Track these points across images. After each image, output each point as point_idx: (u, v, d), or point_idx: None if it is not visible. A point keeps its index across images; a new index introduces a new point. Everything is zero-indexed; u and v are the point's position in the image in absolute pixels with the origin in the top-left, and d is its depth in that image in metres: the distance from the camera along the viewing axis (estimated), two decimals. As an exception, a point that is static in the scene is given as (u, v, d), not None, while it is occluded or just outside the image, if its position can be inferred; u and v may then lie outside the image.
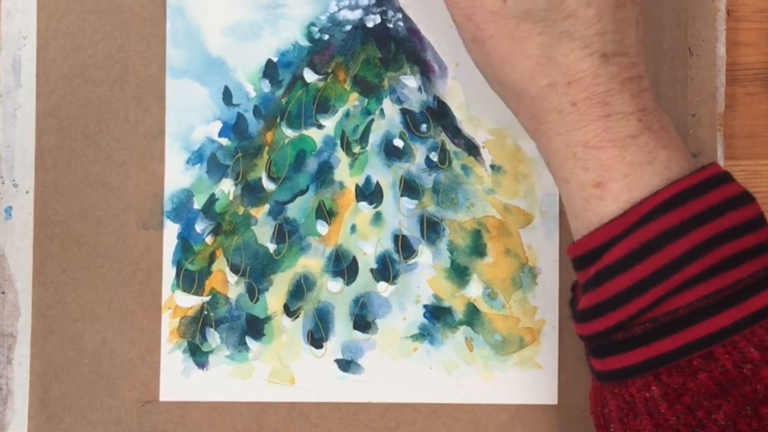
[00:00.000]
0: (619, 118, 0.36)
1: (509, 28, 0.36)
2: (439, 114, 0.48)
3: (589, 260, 0.37)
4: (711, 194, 0.35)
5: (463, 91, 0.47)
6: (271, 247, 0.48)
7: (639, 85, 0.37)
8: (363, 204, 0.48)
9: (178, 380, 0.47)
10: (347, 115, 0.48)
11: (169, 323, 0.47)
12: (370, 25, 0.48)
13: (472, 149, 0.48)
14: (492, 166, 0.48)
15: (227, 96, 0.48)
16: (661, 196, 0.35)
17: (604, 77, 0.36)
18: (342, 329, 0.48)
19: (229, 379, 0.47)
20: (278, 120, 0.48)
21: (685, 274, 0.35)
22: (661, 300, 0.35)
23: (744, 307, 0.35)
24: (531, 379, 0.47)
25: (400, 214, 0.48)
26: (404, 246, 0.48)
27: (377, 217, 0.48)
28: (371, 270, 0.48)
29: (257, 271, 0.48)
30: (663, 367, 0.35)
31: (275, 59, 0.48)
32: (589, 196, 0.37)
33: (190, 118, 0.48)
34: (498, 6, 0.36)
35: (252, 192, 0.48)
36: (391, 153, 0.48)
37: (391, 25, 0.48)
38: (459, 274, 0.47)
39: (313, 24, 0.48)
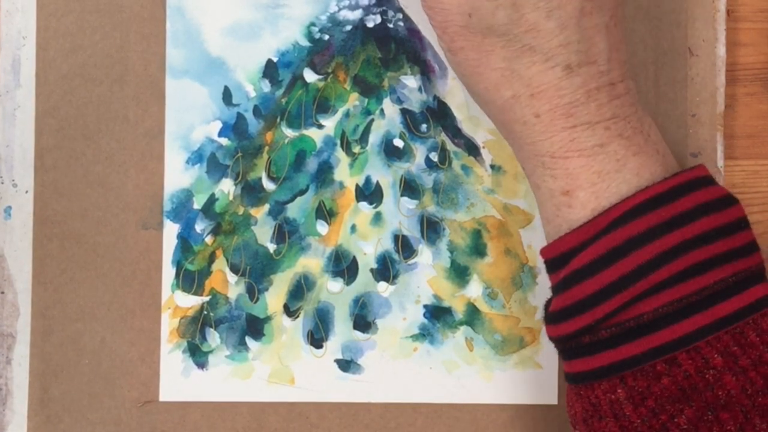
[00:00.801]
0: (585, 128, 0.36)
1: (476, 41, 0.37)
2: (439, 114, 0.48)
3: (559, 264, 0.37)
4: (682, 200, 0.36)
5: (463, 91, 0.47)
6: (271, 247, 0.48)
7: (610, 93, 0.37)
8: (363, 204, 0.48)
9: (178, 380, 0.47)
10: (347, 115, 0.48)
11: (168, 323, 0.47)
12: (370, 25, 0.48)
13: (472, 149, 0.48)
14: (492, 166, 0.48)
15: (227, 96, 0.48)
16: (628, 204, 0.36)
17: (568, 89, 0.36)
18: (342, 329, 0.48)
19: (228, 379, 0.47)
20: (278, 120, 0.48)
21: (651, 281, 0.35)
22: (627, 305, 0.35)
23: (709, 314, 0.35)
24: (531, 379, 0.47)
25: (400, 214, 0.48)
26: (404, 246, 0.48)
27: (377, 217, 0.48)
28: (371, 270, 0.48)
29: (257, 271, 0.48)
30: (628, 370, 0.36)
31: (275, 59, 0.48)
32: (559, 203, 0.37)
33: (190, 118, 0.48)
34: (465, 21, 0.37)
35: (252, 192, 0.48)
36: (391, 153, 0.48)
37: (391, 25, 0.48)
38: (459, 274, 0.47)
39: (313, 24, 0.48)
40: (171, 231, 0.47)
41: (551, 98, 0.36)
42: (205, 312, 0.47)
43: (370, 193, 0.48)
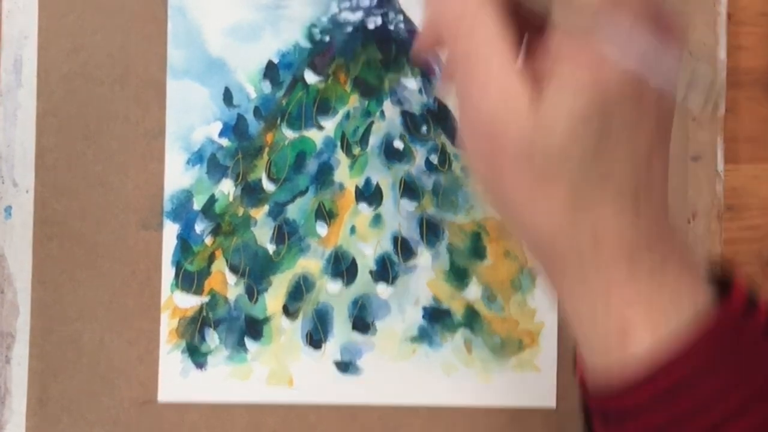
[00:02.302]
0: (642, 267, 0.34)
1: (533, 174, 0.33)
2: (440, 116, 0.48)
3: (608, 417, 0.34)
4: (742, 333, 0.33)
5: (463, 94, 0.47)
6: (271, 248, 0.48)
7: (665, 226, 0.35)
8: (363, 205, 0.48)
9: (177, 381, 0.47)
10: (347, 116, 0.48)
11: (167, 324, 0.47)
12: (371, 26, 0.48)
13: (472, 151, 0.48)
14: (492, 169, 0.48)
15: (228, 97, 0.48)
16: (689, 363, 0.33)
17: (632, 231, 0.34)
18: (341, 330, 0.48)
19: (227, 379, 0.47)
20: (278, 121, 0.48)
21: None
22: None
23: None
24: (529, 381, 0.47)
25: (399, 215, 0.48)
26: (404, 248, 0.48)
27: (377, 219, 0.48)
28: (370, 271, 0.48)
29: (256, 272, 0.48)
30: None
31: (276, 60, 0.48)
32: (610, 340, 0.34)
33: (191, 118, 0.48)
34: (523, 159, 0.33)
35: (252, 193, 0.48)
36: (391, 155, 0.48)
37: (392, 27, 0.48)
38: (458, 276, 0.47)
39: (314, 25, 0.48)
40: (171, 231, 0.47)
41: (613, 239, 0.34)
42: (204, 313, 0.47)
43: (369, 194, 0.48)
